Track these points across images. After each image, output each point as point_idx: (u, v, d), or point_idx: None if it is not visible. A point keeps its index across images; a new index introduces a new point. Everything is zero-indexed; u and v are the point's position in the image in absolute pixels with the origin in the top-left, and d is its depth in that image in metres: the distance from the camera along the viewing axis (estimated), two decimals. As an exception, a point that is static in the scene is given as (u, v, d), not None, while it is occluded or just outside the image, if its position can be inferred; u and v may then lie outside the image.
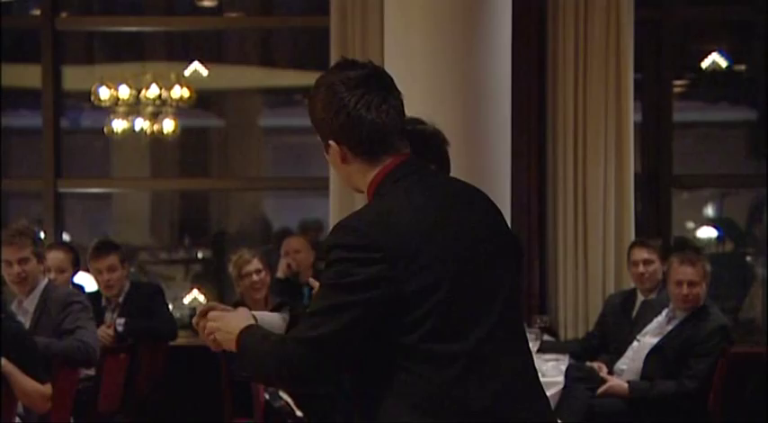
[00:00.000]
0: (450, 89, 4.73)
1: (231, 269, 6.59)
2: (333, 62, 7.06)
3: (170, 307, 6.91)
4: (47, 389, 4.80)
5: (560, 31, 7.01)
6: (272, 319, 2.84)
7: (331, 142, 2.45)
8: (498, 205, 2.53)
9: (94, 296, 6.43)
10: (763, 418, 5.90)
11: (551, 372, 5.63)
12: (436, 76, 4.74)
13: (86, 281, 6.77)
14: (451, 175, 3.03)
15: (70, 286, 6.28)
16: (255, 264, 6.45)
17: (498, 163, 4.87)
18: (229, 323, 2.50)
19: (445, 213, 2.37)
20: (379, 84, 2.43)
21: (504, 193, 4.90)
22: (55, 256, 6.35)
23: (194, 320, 2.63)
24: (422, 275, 2.29)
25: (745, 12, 8.29)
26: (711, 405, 5.78)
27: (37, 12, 8.06)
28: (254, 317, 2.80)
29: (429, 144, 2.96)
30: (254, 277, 6.43)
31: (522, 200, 6.94)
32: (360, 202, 3.02)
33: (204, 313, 2.65)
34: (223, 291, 8.67)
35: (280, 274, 6.87)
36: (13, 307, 5.48)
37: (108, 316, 6.48)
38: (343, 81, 2.42)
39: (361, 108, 2.39)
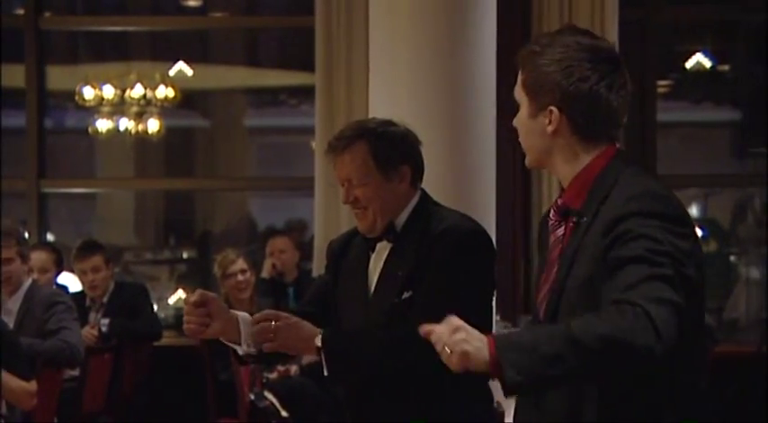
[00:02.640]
0: (435, 89, 4.73)
1: (216, 269, 6.58)
2: (318, 62, 7.13)
3: (155, 307, 6.90)
4: (32, 386, 4.77)
5: (545, 30, 7.01)
6: (248, 318, 2.86)
7: (552, 108, 2.21)
8: (483, 204, 2.53)
9: (79, 296, 6.41)
10: (747, 417, 5.92)
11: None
12: (421, 74, 4.74)
13: (70, 281, 6.74)
14: (438, 174, 3.04)
15: (53, 287, 6.26)
16: (240, 264, 6.44)
17: (483, 162, 4.87)
18: (471, 332, 2.03)
19: None
20: (621, 66, 2.24)
21: (489, 192, 4.89)
22: (38, 257, 6.33)
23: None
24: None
25: (729, 12, 8.32)
26: (695, 404, 5.79)
27: (21, 11, 8.02)
28: (238, 316, 2.83)
29: (403, 144, 2.95)
30: (239, 277, 6.42)
31: (507, 199, 6.94)
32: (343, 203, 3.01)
33: (200, 304, 2.70)
34: (208, 291, 8.64)
35: (265, 274, 6.86)
36: (-4, 307, 5.46)
37: (92, 316, 6.46)
38: (589, 49, 2.21)
39: (604, 86, 2.20)
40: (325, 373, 2.78)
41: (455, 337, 2.00)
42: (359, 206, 2.92)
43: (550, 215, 2.30)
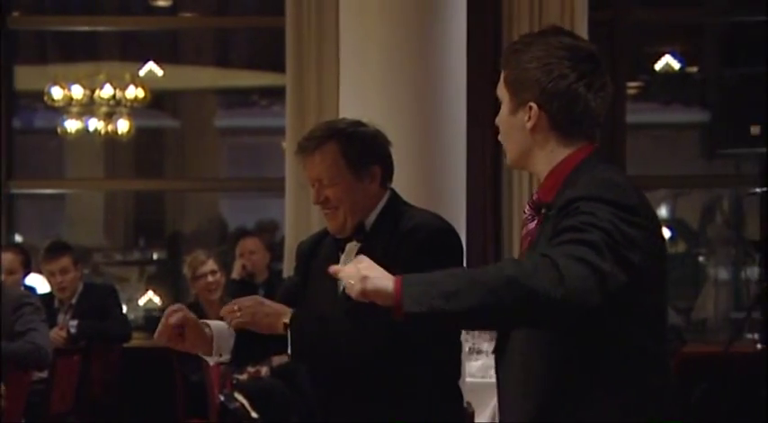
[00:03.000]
0: (406, 89, 4.73)
1: (186, 270, 6.55)
2: (289, 62, 7.12)
3: (124, 308, 6.86)
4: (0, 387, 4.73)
5: (515, 32, 7.03)
6: (222, 327, 2.84)
7: (532, 105, 2.25)
8: (454, 205, 2.53)
9: (47, 298, 6.36)
10: (715, 417, 5.95)
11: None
12: (392, 75, 4.74)
13: (38, 282, 6.70)
14: (408, 175, 3.03)
15: (21, 288, 6.21)
16: (210, 265, 6.41)
17: (454, 163, 4.87)
18: (378, 268, 2.10)
19: None
20: (601, 66, 2.29)
21: (460, 192, 4.89)
22: (5, 258, 6.30)
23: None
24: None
25: (697, 15, 8.38)
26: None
27: (-12, 11, 7.96)
28: (211, 328, 2.81)
29: (373, 145, 2.95)
30: (209, 278, 6.39)
31: (477, 199, 6.95)
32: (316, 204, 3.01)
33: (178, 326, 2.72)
34: (178, 292, 8.62)
35: (235, 275, 6.84)
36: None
37: (61, 318, 6.41)
38: (570, 48, 2.26)
39: (582, 85, 2.25)
40: (289, 352, 2.76)
41: (360, 267, 2.08)
42: (329, 206, 2.91)
43: (525, 210, 2.34)
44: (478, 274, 2.05)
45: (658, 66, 8.63)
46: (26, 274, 6.48)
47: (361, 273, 2.08)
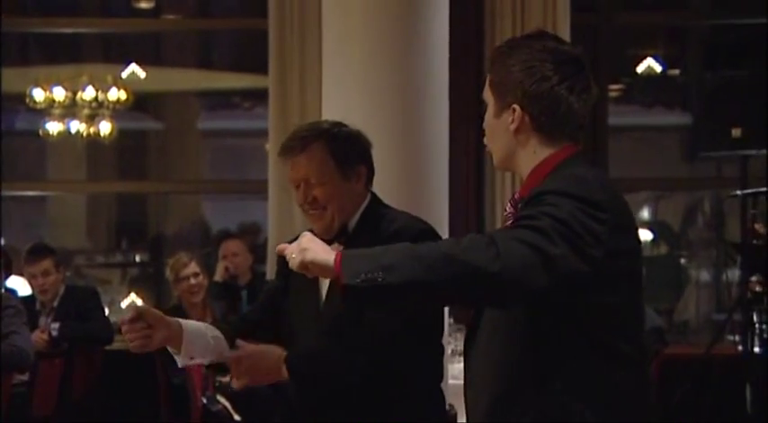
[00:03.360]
0: (388, 90, 4.72)
1: (168, 273, 6.51)
2: (271, 64, 7.10)
3: (106, 311, 6.81)
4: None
5: (498, 35, 7.03)
6: (199, 328, 2.83)
7: (515, 107, 2.28)
8: (436, 206, 2.53)
9: (29, 300, 6.32)
10: (695, 418, 5.96)
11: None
12: (374, 76, 4.73)
13: (19, 285, 6.66)
14: (390, 176, 3.03)
15: (2, 290, 6.17)
16: (193, 267, 6.38)
17: (436, 164, 4.87)
18: (321, 243, 2.16)
19: None
20: (585, 70, 2.32)
21: (442, 193, 4.89)
22: (-15, 260, 6.25)
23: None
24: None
25: (679, 18, 8.40)
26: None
27: (-30, 12, 7.91)
28: (180, 323, 2.79)
29: (359, 144, 2.95)
30: (192, 281, 6.36)
31: (460, 200, 6.95)
32: (296, 204, 2.99)
33: (136, 319, 2.70)
34: (161, 295, 8.59)
35: (218, 277, 6.81)
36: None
37: (42, 320, 6.37)
38: (553, 52, 2.29)
39: (564, 87, 2.27)
40: (292, 393, 2.86)
41: (302, 240, 2.14)
42: (317, 206, 2.90)
43: (506, 208, 2.36)
44: (418, 249, 2.09)
45: (640, 69, 8.66)
46: (6, 276, 6.44)
47: (301, 246, 2.12)
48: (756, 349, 5.61)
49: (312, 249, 2.12)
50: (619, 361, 2.21)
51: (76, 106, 8.00)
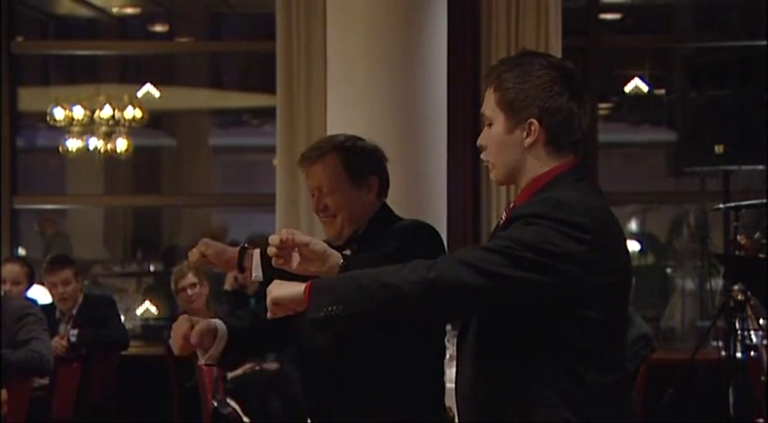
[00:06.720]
0: (390, 109, 4.74)
1: (171, 283, 6.52)
2: (279, 84, 7.10)
3: (122, 318, 6.81)
4: (2, 394, 4.69)
5: (493, 57, 7.04)
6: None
7: (533, 121, 2.25)
8: (435, 218, 2.52)
9: (49, 309, 6.32)
10: (681, 420, 5.95)
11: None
12: (376, 95, 4.76)
13: (40, 294, 6.65)
14: (392, 185, 3.06)
15: (24, 299, 6.17)
16: (190, 278, 6.36)
17: (435, 177, 4.89)
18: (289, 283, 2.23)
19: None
20: (584, 89, 2.34)
21: (441, 206, 4.90)
22: (11, 269, 6.26)
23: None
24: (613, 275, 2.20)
25: (664, 41, 8.42)
26: (634, 408, 5.80)
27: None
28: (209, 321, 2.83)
29: (372, 156, 2.96)
30: (189, 291, 6.35)
31: (458, 212, 6.94)
32: (303, 216, 3.00)
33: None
34: (174, 303, 8.58)
35: (227, 286, 6.81)
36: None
37: (62, 327, 6.37)
38: (562, 69, 2.29)
39: (575, 103, 2.28)
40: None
41: (270, 286, 2.23)
42: (328, 214, 2.92)
43: (502, 216, 2.34)
44: (368, 278, 2.13)
45: (628, 88, 8.67)
46: (29, 285, 6.45)
47: (269, 289, 2.23)
48: (738, 354, 5.61)
49: (273, 291, 2.21)
50: (602, 366, 2.21)
51: (94, 124, 8.02)
